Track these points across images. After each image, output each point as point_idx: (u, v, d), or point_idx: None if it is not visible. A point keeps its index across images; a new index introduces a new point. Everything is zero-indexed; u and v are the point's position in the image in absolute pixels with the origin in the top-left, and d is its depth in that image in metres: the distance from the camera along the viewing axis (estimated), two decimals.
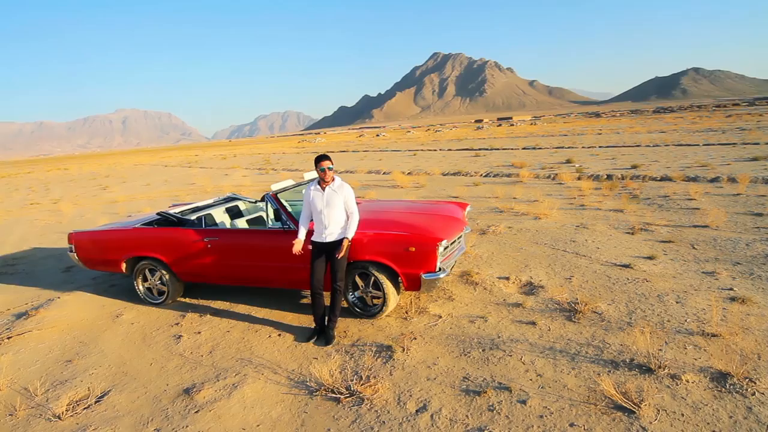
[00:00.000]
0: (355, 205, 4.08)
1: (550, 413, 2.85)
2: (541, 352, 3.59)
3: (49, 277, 6.98)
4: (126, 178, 26.50)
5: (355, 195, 4.17)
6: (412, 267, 4.13)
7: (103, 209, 14.03)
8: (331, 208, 3.98)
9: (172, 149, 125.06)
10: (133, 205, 14.22)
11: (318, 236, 4.07)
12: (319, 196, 4.02)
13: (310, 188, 4.08)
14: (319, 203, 4.00)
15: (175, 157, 52.90)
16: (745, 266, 5.14)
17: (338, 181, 4.06)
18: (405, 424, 2.89)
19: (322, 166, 3.95)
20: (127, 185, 22.00)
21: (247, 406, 3.24)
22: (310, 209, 4.10)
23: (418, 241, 4.12)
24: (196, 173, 25.98)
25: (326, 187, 4.02)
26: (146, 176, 27.04)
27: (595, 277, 5.11)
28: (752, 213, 7.40)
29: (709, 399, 2.87)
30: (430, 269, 4.11)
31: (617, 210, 8.43)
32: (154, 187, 19.92)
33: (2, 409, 3.44)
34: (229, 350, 4.13)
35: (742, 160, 13.74)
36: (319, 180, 4.06)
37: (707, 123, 38.05)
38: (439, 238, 4.12)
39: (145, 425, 3.13)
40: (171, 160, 45.67)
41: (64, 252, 8.57)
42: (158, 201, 14.78)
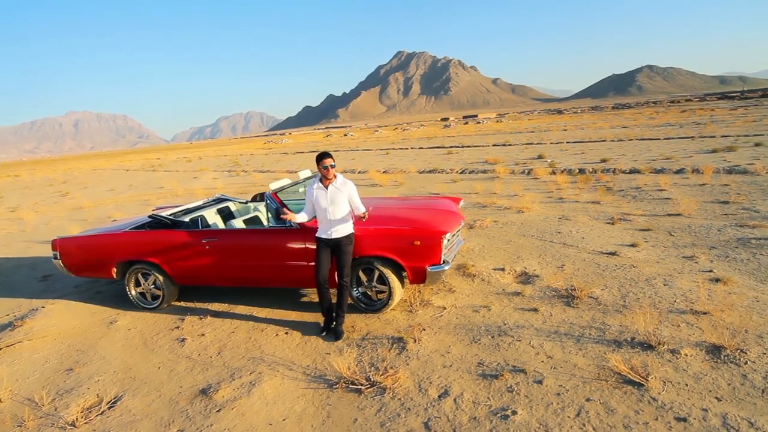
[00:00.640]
0: (360, 200, 4.17)
1: (565, 390, 3.05)
2: (547, 336, 3.80)
3: (26, 286, 6.72)
4: (86, 184, 25.47)
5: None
6: (417, 260, 4.27)
7: (69, 216, 13.50)
8: (335, 205, 4.06)
9: (130, 153, 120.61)
10: (101, 211, 13.74)
11: (323, 233, 4.14)
12: (322, 194, 4.09)
13: (313, 186, 4.15)
14: (323, 201, 4.07)
15: (135, 161, 51.14)
16: (720, 250, 5.55)
17: (341, 179, 4.14)
18: (430, 409, 3.02)
19: (325, 164, 4.03)
20: (89, 191, 21.17)
21: (269, 402, 3.29)
22: (313, 206, 4.16)
23: (423, 235, 4.25)
24: (162, 177, 25.26)
25: (329, 185, 4.09)
26: (108, 181, 26.08)
27: (585, 265, 5.39)
28: (719, 201, 7.94)
29: (708, 369, 3.14)
30: (435, 262, 4.26)
31: (594, 202, 8.85)
32: (119, 192, 19.26)
33: (9, 421, 3.35)
34: (237, 350, 4.14)
35: (702, 152, 14.61)
36: (321, 178, 4.13)
37: (664, 118, 40.00)
38: (443, 231, 4.27)
39: (167, 427, 3.13)
40: (131, 164, 44.13)
41: (35, 261, 8.27)
42: (127, 206, 14.34)
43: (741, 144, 15.45)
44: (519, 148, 23.13)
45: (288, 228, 4.60)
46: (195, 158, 43.40)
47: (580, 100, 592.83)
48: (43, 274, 7.25)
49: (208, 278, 5.02)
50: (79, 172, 39.19)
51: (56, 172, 43.59)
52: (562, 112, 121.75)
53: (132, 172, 32.67)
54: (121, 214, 12.46)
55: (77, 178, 30.93)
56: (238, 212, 6.21)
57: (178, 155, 57.42)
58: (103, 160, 65.75)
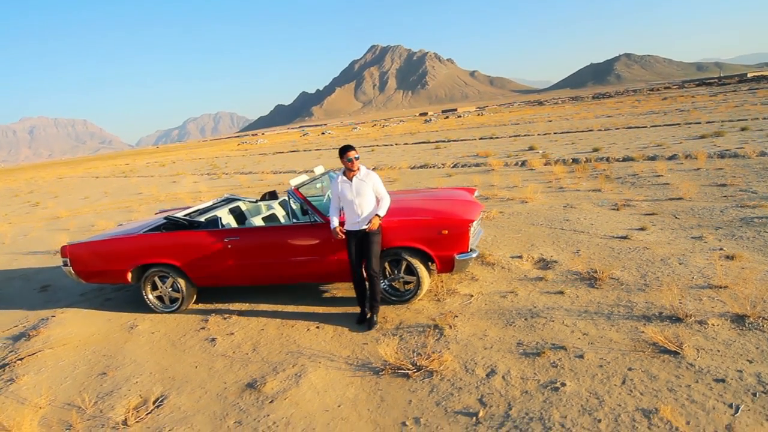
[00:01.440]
0: (385, 189, 4.38)
1: (607, 362, 3.33)
2: (578, 315, 4.09)
3: (26, 298, 6.71)
4: (56, 193, 24.94)
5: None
6: (445, 249, 4.51)
7: (47, 226, 13.32)
8: (362, 196, 4.27)
9: (94, 159, 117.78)
10: (82, 220, 13.59)
11: (351, 225, 4.34)
12: (347, 186, 4.29)
13: (337, 180, 4.34)
14: (349, 193, 4.27)
15: (102, 168, 50.09)
16: (726, 230, 5.95)
17: (364, 170, 4.35)
18: (481, 386, 3.26)
19: (349, 157, 4.23)
20: (61, 200, 20.78)
21: (320, 391, 3.48)
22: (339, 200, 4.35)
23: (451, 224, 4.50)
24: (137, 182, 24.93)
25: (353, 177, 4.29)
26: (79, 189, 25.58)
27: (600, 249, 5.72)
28: (717, 184, 8.42)
29: (736, 336, 3.47)
30: (463, 250, 4.51)
31: (595, 190, 9.25)
32: (95, 200, 18.99)
33: (57, 425, 3.45)
34: (272, 346, 4.31)
35: (691, 138, 15.29)
36: (345, 170, 4.33)
37: (647, 106, 41.29)
38: (470, 220, 4.52)
39: (222, 420, 3.29)
40: (99, 171, 43.25)
41: (26, 272, 8.22)
42: (109, 213, 14.21)
43: (727, 129, 16.20)
44: (507, 140, 23.64)
45: (312, 223, 4.79)
46: (168, 162, 42.80)
47: (560, 90, 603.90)
48: (41, 285, 7.23)
49: (231, 278, 5.16)
50: (44, 181, 38.23)
51: (18, 181, 42.39)
52: (543, 104, 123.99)
53: (102, 179, 32.07)
54: (105, 222, 12.37)
55: (43, 188, 30.20)
56: (249, 212, 6.34)
57: (147, 160, 56.47)
58: (65, 168, 64.11)
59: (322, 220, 4.74)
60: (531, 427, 2.79)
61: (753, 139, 13.34)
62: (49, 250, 9.84)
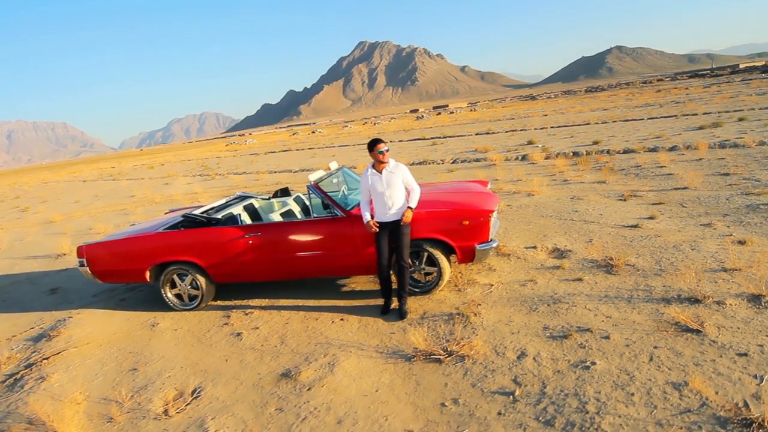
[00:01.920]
0: (414, 180, 4.56)
1: (633, 342, 3.54)
2: (599, 300, 4.30)
3: (37, 301, 6.80)
4: (44, 197, 24.79)
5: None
6: (466, 240, 4.70)
7: (43, 230, 13.32)
8: (392, 188, 4.44)
9: (77, 163, 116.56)
10: (77, 224, 13.60)
11: (381, 217, 4.51)
12: (378, 179, 4.46)
13: (367, 173, 4.51)
14: (380, 186, 4.44)
15: (88, 172, 49.70)
16: (734, 216, 6.21)
17: (393, 162, 4.53)
18: (514, 368, 3.45)
19: (379, 149, 4.40)
20: (51, 204, 20.69)
21: (355, 378, 3.65)
22: (369, 193, 4.52)
23: (472, 215, 4.69)
24: (128, 185, 24.87)
25: (383, 170, 4.47)
26: (68, 193, 25.45)
27: (612, 238, 5.95)
28: (720, 173, 8.71)
29: (753, 314, 3.69)
30: (483, 240, 4.70)
31: (600, 181, 9.50)
32: (87, 204, 18.94)
33: (97, 418, 3.58)
34: (300, 338, 4.47)
35: (690, 129, 15.64)
36: (375, 163, 4.50)
37: (642, 99, 41.87)
38: (490, 210, 4.72)
39: (263, 407, 3.44)
40: (85, 175, 42.93)
41: (31, 276, 8.29)
42: (106, 216, 14.24)
43: (725, 120, 16.59)
44: (504, 135, 23.94)
45: (333, 217, 4.95)
46: (156, 164, 42.62)
47: (552, 84, 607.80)
48: (50, 288, 7.32)
49: (252, 273, 5.30)
50: (28, 186, 37.86)
51: (1, 187, 41.97)
52: (536, 98, 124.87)
53: (90, 182, 31.89)
54: (103, 225, 12.41)
55: (29, 193, 29.97)
56: (262, 209, 6.49)
57: (134, 162, 56.12)
58: (48, 173, 63.48)
59: (343, 214, 4.91)
60: (567, 402, 2.98)
61: (751, 129, 13.71)
62: (50, 254, 9.89)
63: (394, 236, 4.52)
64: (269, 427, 3.20)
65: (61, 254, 9.60)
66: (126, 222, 12.51)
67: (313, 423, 3.17)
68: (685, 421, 2.67)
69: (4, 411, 3.86)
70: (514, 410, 3.00)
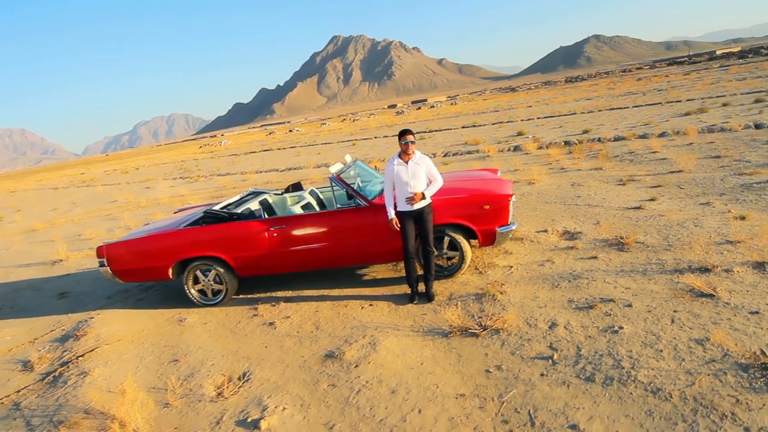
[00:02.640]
0: (438, 172, 4.91)
1: (654, 308, 3.96)
2: (616, 274, 4.73)
3: (47, 305, 6.94)
4: (16, 207, 24.41)
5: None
6: (487, 224, 5.08)
7: (28, 239, 13.28)
8: (416, 179, 4.78)
9: (40, 171, 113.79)
10: (63, 231, 13.59)
11: (404, 206, 4.85)
12: (403, 169, 4.79)
13: (393, 163, 4.85)
14: (405, 176, 4.78)
15: (55, 179, 48.75)
16: (730, 195, 6.75)
17: (418, 154, 4.87)
18: (548, 336, 3.84)
19: (406, 140, 4.75)
20: (27, 213, 20.44)
21: (398, 354, 3.99)
22: (393, 183, 4.86)
23: (493, 199, 5.07)
24: (106, 191, 24.67)
25: (409, 161, 4.81)
26: (42, 202, 25.09)
27: (618, 220, 6.41)
28: (712, 156, 9.31)
29: (759, 278, 4.17)
30: (504, 223, 5.10)
31: (597, 168, 10.03)
32: (66, 211, 18.80)
33: (153, 405, 3.84)
34: (334, 323, 4.79)
35: (677, 116, 16.39)
36: (401, 153, 4.84)
37: (623, 87, 43.11)
38: (510, 194, 5.11)
39: (316, 384, 3.76)
40: (54, 182, 42.16)
41: (32, 283, 8.40)
42: (91, 222, 14.25)
43: (710, 105, 17.42)
44: (491, 128, 24.50)
45: (357, 207, 5.28)
46: (130, 169, 42.12)
47: (531, 75, 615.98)
48: (58, 293, 7.45)
49: (278, 266, 5.59)
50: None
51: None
52: (516, 90, 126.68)
53: (63, 190, 31.41)
54: (92, 230, 12.47)
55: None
56: (276, 204, 6.77)
57: (105, 168, 55.22)
58: (11, 182, 61.93)
59: (366, 204, 5.24)
60: (603, 361, 3.38)
61: (736, 113, 14.48)
62: (45, 261, 9.95)
63: (418, 223, 4.87)
64: (326, 401, 3.52)
65: (57, 260, 9.67)
66: (116, 227, 12.59)
67: (368, 394, 3.51)
68: (711, 369, 3.09)
69: (54, 405, 4.09)
70: (555, 371, 3.39)
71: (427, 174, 4.84)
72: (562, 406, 3.01)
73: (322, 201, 6.81)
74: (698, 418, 2.71)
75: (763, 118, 12.81)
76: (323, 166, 19.50)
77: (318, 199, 6.84)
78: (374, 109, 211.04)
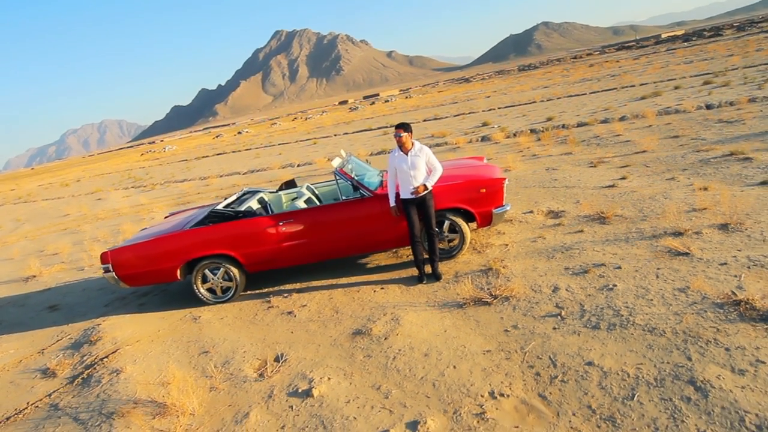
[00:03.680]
0: (437, 162, 5.55)
1: (640, 267, 4.76)
2: (603, 243, 5.53)
3: (39, 319, 7.09)
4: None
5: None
6: (484, 206, 5.77)
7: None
8: (416, 169, 5.40)
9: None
10: (19, 248, 13.39)
11: (407, 194, 5.46)
12: (403, 160, 5.40)
13: (395, 153, 5.45)
14: (405, 166, 5.39)
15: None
16: (691, 170, 7.75)
17: (418, 145, 5.49)
18: (553, 298, 4.55)
19: (396, 133, 5.36)
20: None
21: (422, 325, 4.60)
22: (396, 173, 5.46)
23: (488, 183, 5.76)
24: (51, 205, 24.00)
25: (409, 152, 5.42)
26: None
27: (595, 197, 7.27)
28: (671, 137, 10.44)
29: (725, 237, 5.05)
30: (499, 204, 5.80)
31: (567, 153, 10.99)
32: (13, 229, 18.29)
33: (201, 389, 4.26)
34: (352, 306, 5.34)
35: (633, 100, 17.80)
36: (399, 146, 5.45)
37: (577, 74, 45.41)
38: (503, 178, 5.82)
39: (352, 357, 4.31)
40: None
41: (12, 300, 8.48)
42: (48, 238, 14.10)
43: (662, 89, 18.97)
44: (455, 120, 25.50)
45: (362, 197, 5.85)
46: (70, 181, 40.71)
47: (483, 65, 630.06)
48: (47, 306, 7.62)
49: (287, 259, 6.08)
50: None
51: None
52: (470, 80, 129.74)
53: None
54: (56, 245, 12.43)
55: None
56: (272, 202, 7.23)
57: (37, 182, 52.96)
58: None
59: (370, 194, 5.83)
60: (604, 312, 4.12)
61: (687, 96, 15.94)
62: (14, 279, 9.94)
63: (420, 209, 5.49)
64: (367, 368, 4.09)
65: (30, 276, 9.70)
66: (82, 239, 12.58)
67: (404, 359, 4.10)
68: (694, 309, 3.88)
69: (97, 401, 4.45)
70: (565, 324, 4.09)
71: (426, 164, 5.47)
72: (576, 350, 3.71)
73: (318, 196, 7.33)
74: (688, 345, 3.47)
75: (712, 98, 14.24)
76: (288, 167, 19.85)
77: (314, 194, 7.35)
78: (324, 106, 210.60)
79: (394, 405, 3.53)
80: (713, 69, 23.64)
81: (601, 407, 3.08)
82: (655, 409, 2.96)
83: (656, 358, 3.42)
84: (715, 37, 76.48)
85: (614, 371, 3.38)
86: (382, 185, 6.13)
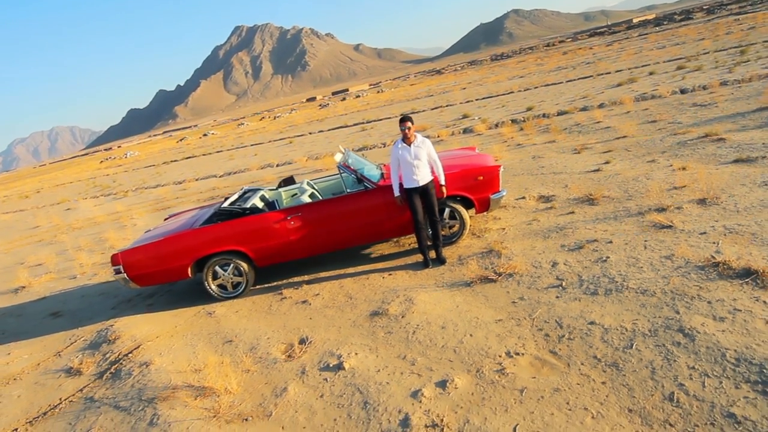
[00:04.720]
0: (437, 154, 6.13)
1: (629, 241, 5.44)
2: (593, 222, 6.21)
3: (45, 326, 7.40)
4: None
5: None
6: (482, 192, 6.39)
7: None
8: (419, 160, 5.97)
9: None
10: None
11: (411, 183, 6.03)
12: (406, 151, 5.97)
13: (398, 146, 6.02)
14: (408, 157, 5.96)
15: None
16: (670, 152, 8.54)
17: (420, 137, 6.07)
18: (553, 272, 5.19)
19: (403, 126, 5.93)
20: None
21: (434, 303, 5.18)
22: (399, 164, 6.03)
23: (485, 171, 6.38)
24: (16, 218, 23.80)
25: (412, 144, 5.99)
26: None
27: (582, 182, 7.98)
28: (649, 122, 11.28)
29: (703, 210, 5.78)
30: (496, 190, 6.43)
31: (551, 141, 11.74)
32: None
33: (236, 373, 4.72)
34: (365, 292, 5.89)
35: (610, 87, 18.77)
36: (403, 138, 6.02)
37: (552, 63, 46.76)
38: (498, 165, 6.45)
39: (374, 335, 4.86)
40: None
41: (8, 310, 8.73)
42: (25, 251, 14.22)
43: (637, 75, 20.03)
44: (433, 113, 26.21)
45: (366, 189, 6.40)
46: (30, 193, 40.04)
47: (454, 56, 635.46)
48: (49, 314, 7.94)
49: (296, 252, 6.58)
50: None
51: None
52: (442, 72, 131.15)
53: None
54: (37, 256, 12.63)
55: None
56: (274, 198, 7.71)
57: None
58: None
59: (374, 186, 6.38)
60: (600, 281, 4.77)
61: (662, 81, 16.95)
62: (2, 290, 10.16)
63: (423, 198, 6.07)
64: (390, 343, 4.65)
65: (20, 287, 9.94)
66: (64, 249, 12.80)
67: (423, 332, 4.68)
68: (679, 272, 4.56)
69: (133, 390, 4.89)
70: (566, 293, 4.73)
71: (428, 156, 6.05)
72: (579, 313, 4.35)
73: (318, 191, 7.84)
74: (676, 302, 4.14)
75: (686, 83, 15.25)
76: (267, 167, 20.22)
77: (314, 189, 7.86)
78: (291, 103, 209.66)
79: (421, 370, 4.10)
80: (685, 53, 24.95)
81: (605, 356, 3.71)
82: (651, 354, 3.61)
83: (649, 314, 4.08)
84: (685, 20, 79.42)
85: (614, 327, 4.02)
86: (384, 177, 6.69)
